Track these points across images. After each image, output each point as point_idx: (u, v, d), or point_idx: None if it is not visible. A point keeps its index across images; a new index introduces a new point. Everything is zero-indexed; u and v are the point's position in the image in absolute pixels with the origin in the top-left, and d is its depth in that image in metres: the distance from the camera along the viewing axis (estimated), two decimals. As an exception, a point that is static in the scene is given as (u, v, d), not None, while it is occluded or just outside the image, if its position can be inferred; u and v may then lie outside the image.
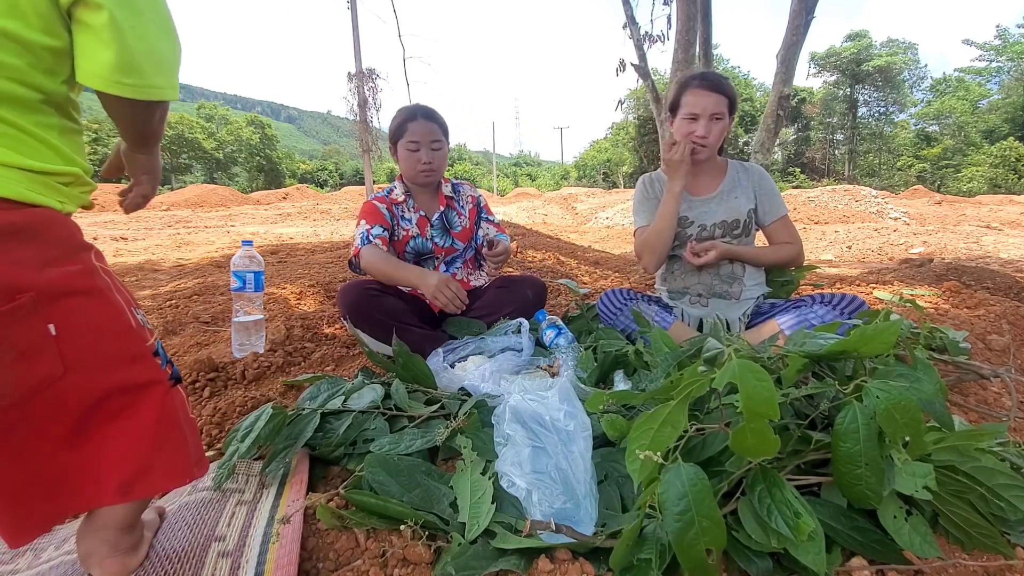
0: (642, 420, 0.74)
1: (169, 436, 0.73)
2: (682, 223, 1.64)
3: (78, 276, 0.67)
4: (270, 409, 1.04)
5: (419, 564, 0.78)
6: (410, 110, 1.72)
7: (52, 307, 0.63)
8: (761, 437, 0.67)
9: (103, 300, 0.69)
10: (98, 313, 0.68)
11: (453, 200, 1.89)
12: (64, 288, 0.64)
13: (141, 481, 0.71)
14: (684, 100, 1.56)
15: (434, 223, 1.83)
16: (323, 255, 4.41)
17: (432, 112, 1.74)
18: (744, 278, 1.62)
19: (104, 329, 0.68)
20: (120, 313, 0.70)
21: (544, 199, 15.00)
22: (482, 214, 1.96)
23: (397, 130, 1.72)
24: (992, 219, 8.51)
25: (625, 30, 5.16)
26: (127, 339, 0.70)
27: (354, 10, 15.96)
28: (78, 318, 0.65)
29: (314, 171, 47.41)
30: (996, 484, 0.76)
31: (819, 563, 0.67)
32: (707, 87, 1.53)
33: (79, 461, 0.68)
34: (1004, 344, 1.52)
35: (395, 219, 1.80)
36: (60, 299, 0.64)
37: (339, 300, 1.67)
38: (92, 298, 0.68)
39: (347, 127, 18.05)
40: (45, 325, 0.63)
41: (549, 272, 3.39)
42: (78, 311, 0.66)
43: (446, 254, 1.87)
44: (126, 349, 0.70)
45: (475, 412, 1.13)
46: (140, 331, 0.72)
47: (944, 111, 30.67)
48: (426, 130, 1.69)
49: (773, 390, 0.67)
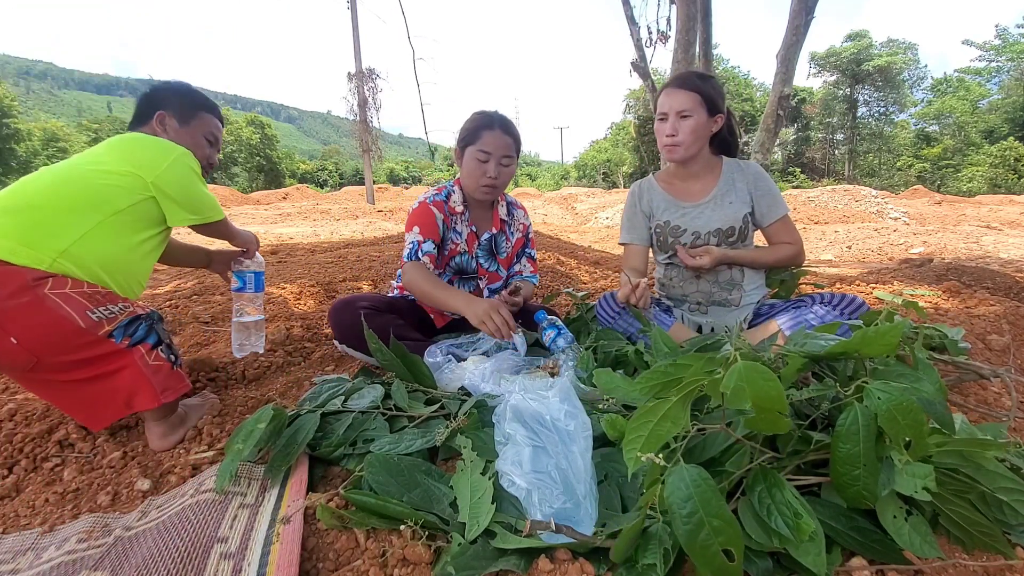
0: (641, 412, 0.72)
1: (136, 378, 1.15)
2: (675, 232, 1.61)
3: (27, 304, 1.04)
4: (270, 410, 1.04)
5: (419, 564, 0.78)
6: (488, 117, 1.61)
7: (10, 326, 1.03)
8: (772, 421, 0.70)
9: (50, 316, 1.06)
10: (47, 324, 1.05)
11: (506, 225, 1.80)
12: (16, 314, 1.03)
13: (132, 400, 1.16)
14: (658, 103, 1.56)
15: (482, 243, 1.75)
16: (323, 255, 4.41)
17: (510, 124, 1.62)
18: (743, 283, 1.60)
19: (54, 332, 1.06)
20: (65, 320, 1.07)
21: (544, 199, 15.01)
22: (527, 247, 1.87)
23: (469, 135, 1.61)
24: (992, 219, 8.51)
25: (629, 28, 5.16)
26: (75, 335, 1.08)
27: (354, 10, 15.96)
28: (30, 331, 1.05)
29: (314, 171, 47.39)
30: (997, 487, 0.76)
31: (819, 563, 0.67)
32: (674, 85, 1.52)
33: (95, 394, 1.16)
34: (1004, 344, 1.52)
35: (447, 229, 1.69)
36: (16, 321, 1.03)
37: (330, 320, 1.61)
38: (41, 316, 1.05)
39: (347, 127, 18.07)
40: (9, 338, 1.04)
41: (549, 272, 3.39)
42: (30, 326, 1.05)
43: (489, 280, 1.79)
44: (76, 340, 1.08)
45: (475, 412, 1.13)
46: (92, 325, 1.09)
47: (944, 111, 30.64)
48: (500, 143, 1.58)
49: (780, 388, 0.67)
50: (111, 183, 1.20)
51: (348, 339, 1.60)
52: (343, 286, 2.97)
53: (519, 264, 1.86)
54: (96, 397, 1.16)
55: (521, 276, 1.86)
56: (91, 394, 1.15)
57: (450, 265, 1.72)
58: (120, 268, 1.20)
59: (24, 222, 1.10)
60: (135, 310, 1.18)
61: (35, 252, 1.07)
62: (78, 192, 1.16)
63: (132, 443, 1.25)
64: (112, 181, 1.20)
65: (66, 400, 1.18)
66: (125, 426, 1.32)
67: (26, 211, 1.12)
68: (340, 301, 1.61)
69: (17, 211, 1.11)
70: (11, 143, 28.39)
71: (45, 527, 0.97)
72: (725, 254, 1.53)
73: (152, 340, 1.18)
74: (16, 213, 1.11)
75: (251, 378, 1.64)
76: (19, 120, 29.55)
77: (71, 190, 1.16)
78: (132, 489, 1.08)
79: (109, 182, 1.20)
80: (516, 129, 1.65)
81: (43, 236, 1.09)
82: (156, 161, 1.24)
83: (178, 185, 1.26)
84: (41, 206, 1.13)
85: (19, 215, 1.11)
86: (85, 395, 1.16)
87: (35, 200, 1.14)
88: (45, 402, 1.38)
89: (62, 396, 1.18)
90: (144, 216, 1.24)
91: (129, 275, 1.23)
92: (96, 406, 1.17)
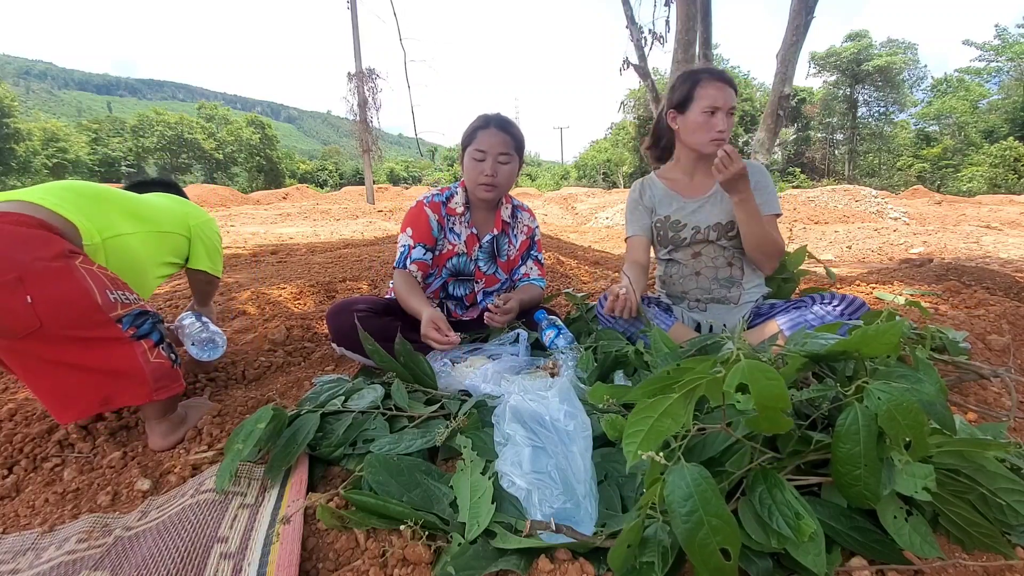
0: (641, 408, 0.72)
1: (130, 373, 1.14)
2: (675, 227, 1.62)
3: (58, 269, 1.07)
4: (270, 410, 1.04)
5: (419, 564, 0.78)
6: (484, 117, 1.63)
7: (32, 285, 1.03)
8: (774, 420, 0.70)
9: (74, 286, 1.08)
10: (68, 291, 1.07)
11: (509, 227, 1.79)
12: (45, 275, 1.05)
13: (114, 398, 1.15)
14: (699, 93, 1.50)
15: (483, 244, 1.74)
16: (323, 255, 4.41)
17: (507, 123, 1.63)
18: (743, 281, 1.61)
19: (73, 302, 1.07)
20: (87, 293, 1.09)
21: (544, 199, 15.01)
22: (532, 250, 1.85)
23: (467, 136, 1.63)
24: (992, 219, 8.51)
25: (629, 29, 5.17)
26: (90, 310, 1.09)
27: (354, 10, 15.96)
28: (50, 294, 1.04)
29: (314, 171, 47.41)
30: (997, 487, 0.76)
31: (819, 563, 0.67)
32: (723, 80, 1.50)
33: (73, 382, 1.12)
34: (1004, 344, 1.52)
35: (443, 231, 1.69)
36: (41, 281, 1.04)
37: (327, 324, 1.62)
38: (66, 282, 1.07)
39: (347, 127, 18.08)
40: (24, 296, 1.02)
41: (549, 272, 3.39)
42: (52, 290, 1.05)
43: (487, 283, 1.78)
44: (89, 316, 1.09)
45: (475, 412, 1.13)
46: (108, 306, 1.12)
47: (944, 111, 30.63)
48: (496, 140, 1.58)
49: (784, 386, 0.67)
50: (162, 209, 1.47)
51: (346, 342, 1.60)
52: (342, 286, 2.97)
53: (525, 267, 1.84)
54: (73, 386, 1.13)
55: (527, 280, 1.83)
56: (70, 381, 1.12)
57: (446, 266, 1.71)
58: (140, 275, 1.34)
59: (94, 205, 1.28)
60: (144, 305, 1.23)
61: (92, 226, 1.23)
62: (136, 204, 1.39)
63: (132, 443, 1.25)
64: (163, 213, 1.46)
65: (42, 382, 1.13)
66: (125, 426, 1.32)
67: (93, 199, 1.29)
68: (337, 304, 1.60)
69: (89, 196, 1.29)
70: (11, 143, 28.40)
71: (45, 527, 0.97)
72: (745, 185, 1.44)
73: (155, 338, 1.21)
74: (89, 197, 1.29)
75: (251, 378, 1.64)
76: (19, 120, 29.56)
77: (131, 200, 1.39)
78: (132, 489, 1.08)
79: (161, 209, 1.46)
80: (516, 128, 1.64)
81: (100, 220, 1.26)
82: (200, 214, 1.59)
83: (209, 238, 1.57)
84: (108, 199, 1.32)
85: (91, 199, 1.29)
86: (63, 381, 1.12)
87: (103, 194, 1.33)
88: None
89: (40, 377, 1.13)
90: (175, 246, 1.48)
91: (143, 286, 1.36)
92: (70, 395, 1.13)
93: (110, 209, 1.30)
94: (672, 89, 1.61)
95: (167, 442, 1.23)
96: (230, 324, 2.18)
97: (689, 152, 1.61)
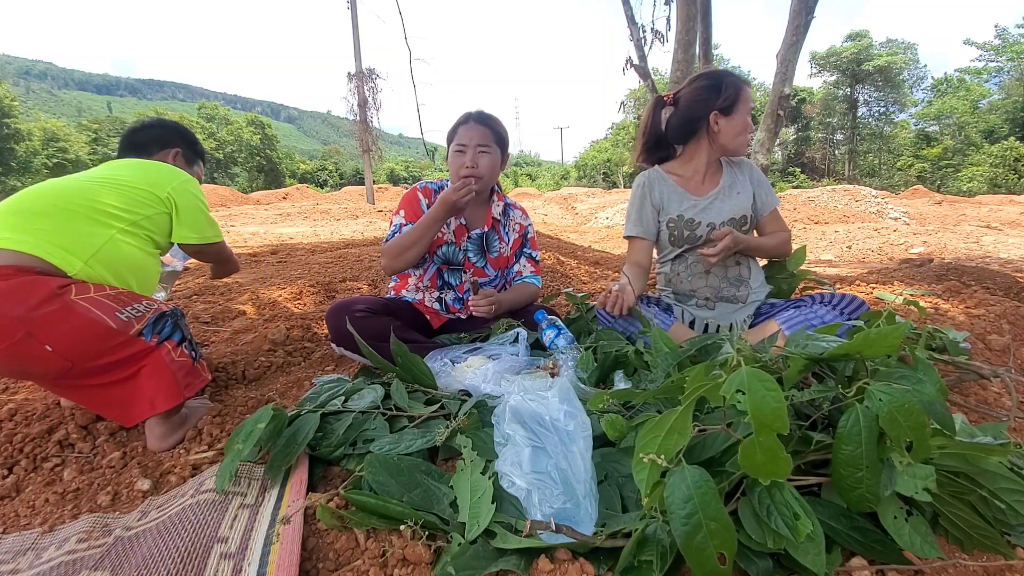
0: (648, 427, 0.73)
1: (161, 375, 1.18)
2: (690, 225, 1.61)
3: (57, 311, 1.06)
4: (270, 410, 1.04)
5: (419, 564, 0.78)
6: (464, 115, 1.69)
7: (43, 334, 1.05)
8: (771, 454, 0.65)
9: (81, 320, 1.09)
10: (79, 328, 1.08)
11: (499, 223, 1.81)
12: (48, 322, 1.05)
13: (156, 400, 1.18)
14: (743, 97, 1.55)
15: (472, 236, 1.76)
16: (323, 255, 4.41)
17: (486, 117, 1.68)
18: (751, 280, 1.61)
19: (87, 336, 1.09)
20: (96, 323, 1.10)
21: (544, 199, 15.01)
22: (525, 247, 1.87)
23: (450, 134, 1.69)
24: (992, 219, 8.51)
25: (629, 28, 5.17)
26: (107, 336, 1.11)
27: (354, 10, 15.96)
28: (64, 336, 1.07)
29: (314, 171, 47.39)
30: (998, 487, 0.76)
31: (819, 564, 0.67)
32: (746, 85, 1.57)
33: (124, 395, 1.18)
34: (1004, 344, 1.52)
35: None
36: (48, 328, 1.05)
37: (327, 323, 1.61)
38: (72, 320, 1.08)
39: (347, 127, 18.07)
40: (44, 347, 1.05)
41: (549, 272, 3.39)
42: (63, 332, 1.07)
43: (476, 275, 1.79)
44: (109, 342, 1.12)
45: (475, 412, 1.13)
46: (122, 326, 1.13)
47: (944, 111, 30.60)
48: (475, 133, 1.63)
49: (783, 400, 0.66)
50: (130, 190, 1.31)
51: (345, 343, 1.60)
52: (343, 286, 2.97)
53: (518, 265, 1.86)
54: (126, 398, 1.18)
55: (521, 277, 1.85)
56: (121, 396, 1.18)
57: (437, 254, 1.73)
58: (141, 270, 1.31)
59: (59, 226, 1.18)
60: (159, 307, 1.23)
61: (69, 254, 1.15)
62: (101, 199, 1.25)
63: (132, 443, 1.25)
64: (131, 196, 1.30)
65: (98, 400, 1.20)
66: (125, 426, 1.32)
67: (59, 215, 1.19)
68: (336, 305, 1.60)
69: (49, 215, 1.18)
70: (11, 143, 28.37)
71: (45, 527, 0.97)
72: (742, 238, 1.52)
73: (177, 337, 1.22)
74: (49, 217, 1.18)
75: (251, 378, 1.64)
76: (19, 120, 29.51)
77: (94, 196, 1.25)
78: (132, 489, 1.08)
79: (128, 191, 1.30)
80: (496, 121, 1.69)
81: (77, 238, 1.18)
82: (172, 177, 1.39)
83: (186, 203, 1.38)
84: (67, 208, 1.20)
85: (53, 219, 1.18)
86: (115, 397, 1.18)
87: (68, 204, 1.21)
88: (45, 402, 1.38)
89: (93, 398, 1.20)
90: (160, 226, 1.35)
91: (146, 279, 1.34)
92: (126, 405, 1.19)
93: (75, 222, 1.19)
94: (717, 92, 1.55)
95: (167, 443, 1.23)
96: (230, 324, 2.18)
97: (715, 152, 1.62)
